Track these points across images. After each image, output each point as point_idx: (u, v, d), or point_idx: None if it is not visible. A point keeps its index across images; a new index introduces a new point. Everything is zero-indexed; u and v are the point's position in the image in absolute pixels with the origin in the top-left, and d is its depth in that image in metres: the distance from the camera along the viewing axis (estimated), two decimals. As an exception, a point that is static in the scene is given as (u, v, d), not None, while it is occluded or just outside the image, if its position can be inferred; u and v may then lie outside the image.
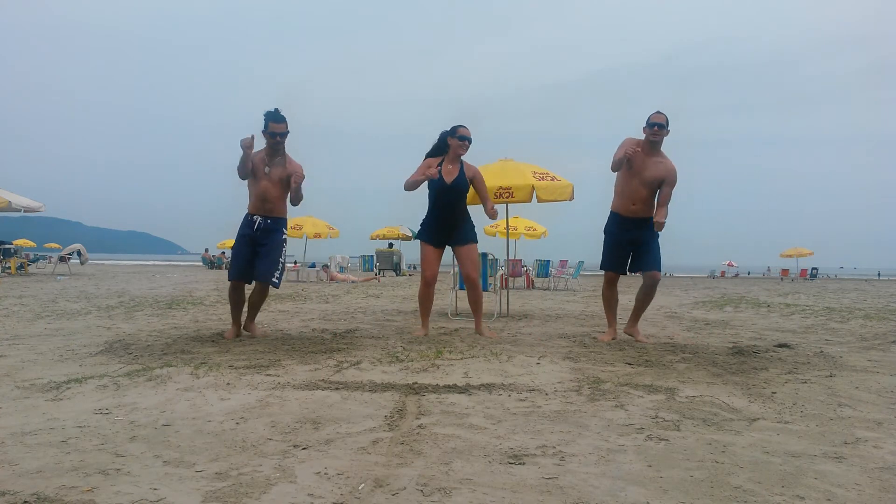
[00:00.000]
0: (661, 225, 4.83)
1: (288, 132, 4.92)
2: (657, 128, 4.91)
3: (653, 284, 5.06)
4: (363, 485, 1.89)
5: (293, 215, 5.32)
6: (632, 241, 5.07)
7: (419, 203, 5.31)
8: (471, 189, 5.29)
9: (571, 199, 7.85)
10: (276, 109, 4.91)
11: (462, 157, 5.24)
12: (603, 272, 5.30)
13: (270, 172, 4.91)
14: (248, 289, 5.14)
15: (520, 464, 2.10)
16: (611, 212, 5.20)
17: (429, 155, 5.30)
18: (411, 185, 5.14)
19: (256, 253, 4.96)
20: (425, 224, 5.34)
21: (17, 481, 1.89)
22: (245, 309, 5.14)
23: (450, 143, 5.19)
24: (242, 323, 5.14)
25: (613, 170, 5.04)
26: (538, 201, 7.74)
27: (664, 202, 4.89)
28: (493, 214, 5.20)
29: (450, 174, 5.13)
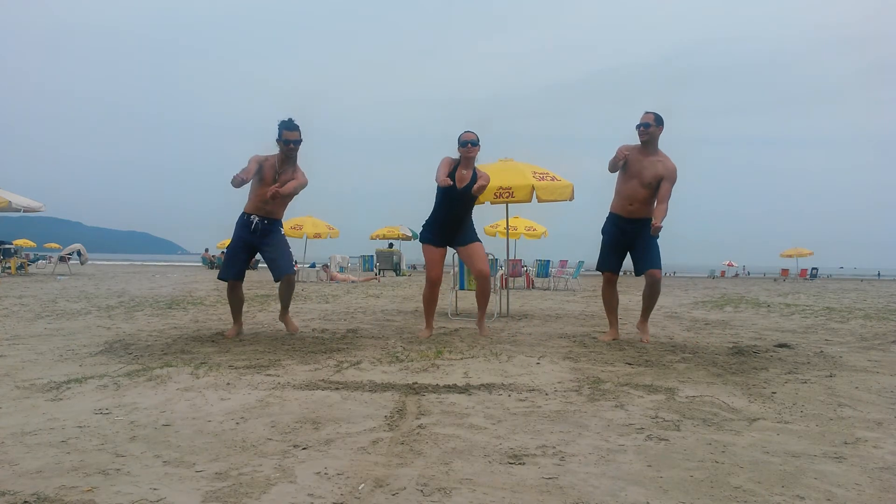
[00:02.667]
0: (658, 229, 4.76)
1: (301, 140, 5.02)
2: (643, 128, 4.97)
3: (653, 283, 5.05)
4: (363, 485, 1.89)
5: (293, 216, 5.35)
6: (630, 241, 5.08)
7: (418, 204, 5.31)
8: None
9: (571, 199, 7.85)
10: (290, 119, 5.01)
11: (476, 164, 5.27)
12: (601, 273, 5.31)
13: (280, 178, 4.96)
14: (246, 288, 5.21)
15: (520, 464, 2.10)
16: (609, 212, 5.22)
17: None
18: (439, 183, 5.12)
19: (265, 253, 5.04)
20: (429, 225, 5.31)
21: (17, 481, 1.89)
22: (243, 309, 5.26)
23: (459, 152, 5.22)
24: (280, 318, 5.32)
25: (610, 171, 5.08)
26: (538, 201, 7.73)
27: (663, 199, 4.86)
28: (476, 189, 4.97)
29: (462, 180, 5.15)
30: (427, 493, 1.83)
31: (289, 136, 4.96)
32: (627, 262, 5.28)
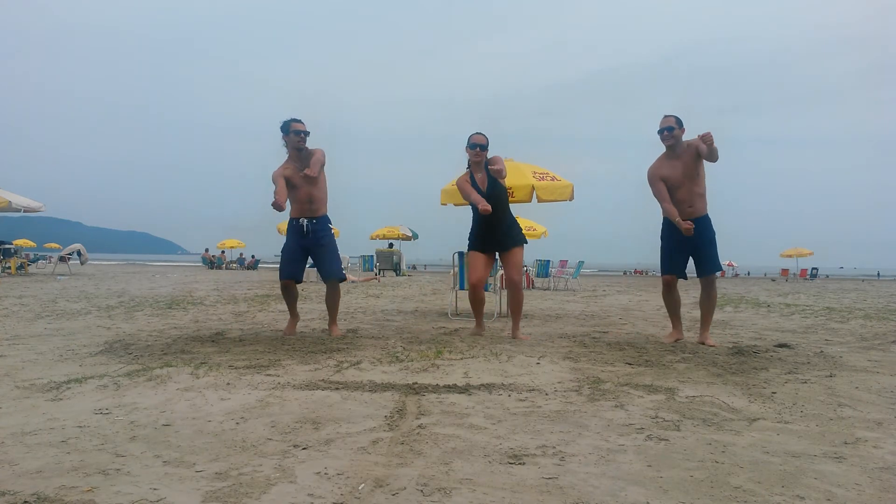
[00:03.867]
0: (709, 137, 4.67)
1: (308, 132, 5.18)
2: (666, 132, 4.97)
3: (711, 286, 5.09)
4: (363, 485, 1.89)
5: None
6: (690, 243, 5.01)
7: (418, 204, 5.34)
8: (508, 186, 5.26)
9: (571, 199, 7.85)
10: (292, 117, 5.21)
11: (486, 161, 5.24)
12: (661, 276, 5.31)
13: (306, 175, 5.07)
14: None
15: (520, 464, 2.10)
16: (664, 218, 5.13)
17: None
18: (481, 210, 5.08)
19: (317, 257, 5.28)
20: (473, 234, 5.30)
21: (17, 481, 1.89)
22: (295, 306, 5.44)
23: (468, 154, 5.21)
24: (328, 328, 5.40)
25: (662, 203, 5.03)
26: (538, 201, 7.74)
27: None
28: (496, 172, 5.05)
29: (483, 183, 5.15)
30: (427, 493, 1.83)
31: (297, 126, 5.14)
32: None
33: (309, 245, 5.22)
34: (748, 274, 50.21)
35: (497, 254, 5.40)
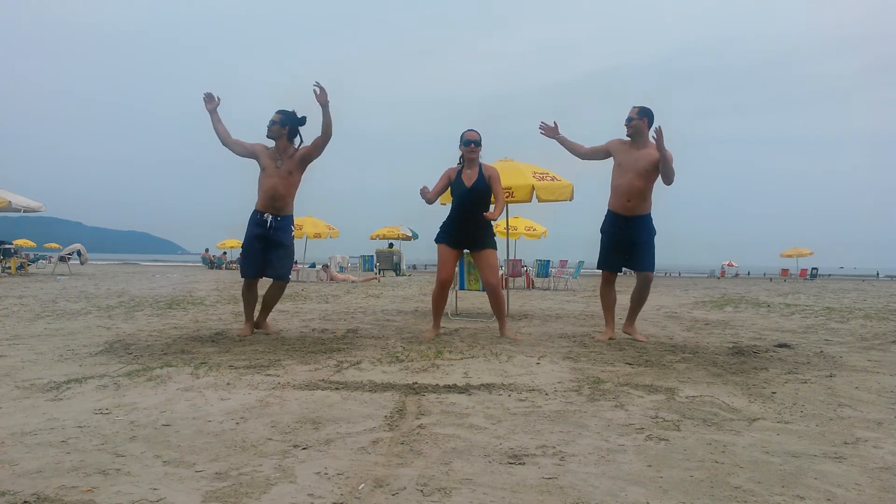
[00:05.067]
0: (667, 156, 4.79)
1: (284, 121, 5.14)
2: (626, 122, 5.10)
3: (645, 285, 5.20)
4: (363, 485, 1.89)
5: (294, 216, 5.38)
6: (629, 240, 5.13)
7: (418, 204, 5.32)
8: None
9: (571, 199, 7.85)
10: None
11: (481, 160, 5.26)
12: (601, 272, 5.37)
13: (282, 167, 5.08)
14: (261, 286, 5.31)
15: (520, 464, 2.10)
16: (608, 210, 5.26)
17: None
18: (428, 202, 5.23)
19: (272, 252, 5.12)
20: (444, 226, 5.33)
21: (17, 481, 1.89)
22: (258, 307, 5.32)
23: (461, 151, 5.23)
24: (256, 320, 5.31)
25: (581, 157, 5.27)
26: (538, 201, 7.73)
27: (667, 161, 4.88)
28: (491, 216, 4.99)
29: (469, 178, 5.17)
30: (427, 493, 1.83)
31: (273, 118, 5.13)
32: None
33: (267, 237, 5.09)
34: (748, 274, 50.19)
35: (468, 252, 5.41)
